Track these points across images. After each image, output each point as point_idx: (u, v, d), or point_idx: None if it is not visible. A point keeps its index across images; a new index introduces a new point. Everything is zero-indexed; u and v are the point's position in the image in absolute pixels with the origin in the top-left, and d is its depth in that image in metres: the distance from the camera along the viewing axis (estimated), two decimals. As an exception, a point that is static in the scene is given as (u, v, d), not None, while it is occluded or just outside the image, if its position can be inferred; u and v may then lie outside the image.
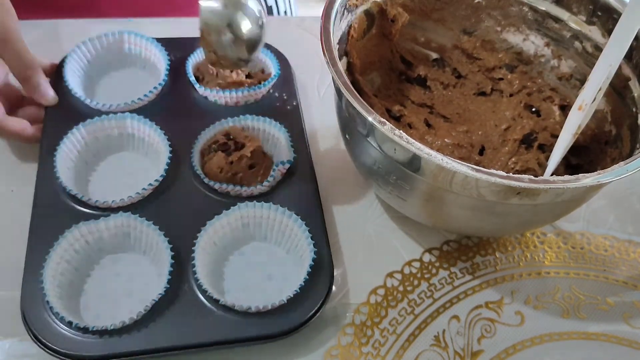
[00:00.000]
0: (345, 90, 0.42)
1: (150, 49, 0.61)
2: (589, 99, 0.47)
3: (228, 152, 0.53)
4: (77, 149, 0.53)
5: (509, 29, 0.58)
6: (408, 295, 0.50)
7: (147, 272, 0.48)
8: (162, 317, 0.45)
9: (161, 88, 0.58)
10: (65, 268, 0.46)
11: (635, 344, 0.49)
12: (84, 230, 0.47)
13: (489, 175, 0.38)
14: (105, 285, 0.47)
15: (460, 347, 0.48)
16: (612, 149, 0.50)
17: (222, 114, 0.56)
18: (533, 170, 0.51)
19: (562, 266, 0.53)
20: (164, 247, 0.47)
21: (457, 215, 0.45)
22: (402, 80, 0.59)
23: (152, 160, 0.55)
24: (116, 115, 0.54)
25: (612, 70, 0.47)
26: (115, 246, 0.49)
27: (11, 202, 0.52)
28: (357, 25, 0.52)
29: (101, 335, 0.43)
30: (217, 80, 0.59)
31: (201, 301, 0.46)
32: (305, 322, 0.45)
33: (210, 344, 0.44)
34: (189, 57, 0.60)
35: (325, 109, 0.62)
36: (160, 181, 0.51)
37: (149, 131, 0.54)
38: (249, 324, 0.45)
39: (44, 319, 0.43)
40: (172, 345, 0.43)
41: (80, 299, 0.46)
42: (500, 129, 0.55)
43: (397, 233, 0.54)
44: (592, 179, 0.39)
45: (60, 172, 0.50)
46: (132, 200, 0.50)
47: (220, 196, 0.52)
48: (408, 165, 0.42)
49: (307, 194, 0.53)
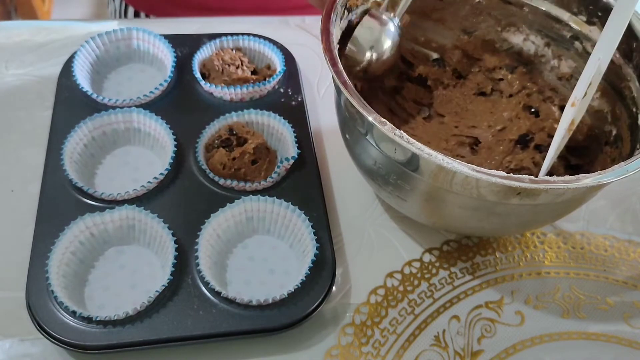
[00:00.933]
0: (345, 89, 0.42)
1: (158, 45, 0.61)
2: (580, 94, 0.47)
3: (230, 148, 0.53)
4: (84, 142, 0.54)
5: (509, 28, 0.58)
6: (408, 295, 0.50)
7: (150, 264, 0.49)
8: (165, 308, 0.45)
9: (167, 84, 0.58)
10: (70, 259, 0.47)
11: (635, 344, 0.49)
12: (89, 222, 0.48)
13: (490, 176, 0.38)
14: (110, 276, 0.48)
15: (460, 347, 0.48)
16: (612, 149, 0.50)
17: (227, 109, 0.57)
18: (528, 169, 0.52)
19: (562, 266, 0.53)
20: (168, 240, 0.47)
21: (458, 215, 0.45)
22: (403, 80, 0.59)
23: (158, 154, 0.56)
24: (123, 110, 0.55)
25: (601, 64, 0.47)
26: (119, 238, 0.49)
27: (11, 202, 0.52)
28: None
29: (105, 325, 0.44)
30: (222, 77, 0.59)
31: (204, 293, 0.46)
32: (306, 316, 0.46)
33: (212, 335, 0.45)
34: (195, 53, 0.60)
35: (325, 109, 0.62)
36: (165, 175, 0.52)
37: (154, 125, 0.55)
38: (250, 317, 0.45)
39: (48, 309, 0.44)
40: (174, 337, 0.44)
41: (84, 290, 0.47)
42: (495, 129, 0.55)
43: (397, 233, 0.54)
44: (592, 179, 0.39)
45: (67, 165, 0.51)
46: (137, 194, 0.51)
47: (224, 190, 0.52)
48: (408, 165, 0.42)
49: (310, 189, 0.53)
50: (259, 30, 0.53)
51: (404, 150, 0.40)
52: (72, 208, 0.49)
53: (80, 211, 0.48)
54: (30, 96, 0.60)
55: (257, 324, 0.45)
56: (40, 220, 0.49)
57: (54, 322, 0.43)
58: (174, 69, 0.59)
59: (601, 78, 0.48)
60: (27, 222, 0.50)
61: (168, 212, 0.50)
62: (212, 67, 0.60)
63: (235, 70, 0.60)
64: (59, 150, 0.52)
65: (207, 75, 0.61)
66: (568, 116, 0.48)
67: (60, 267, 0.46)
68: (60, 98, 0.57)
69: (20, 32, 0.66)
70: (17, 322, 0.45)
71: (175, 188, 0.52)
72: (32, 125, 0.58)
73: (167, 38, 0.61)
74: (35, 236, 0.48)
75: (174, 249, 0.47)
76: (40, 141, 0.55)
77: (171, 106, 0.58)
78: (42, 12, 1.64)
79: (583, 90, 0.47)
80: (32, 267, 0.46)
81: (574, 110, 0.48)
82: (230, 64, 0.60)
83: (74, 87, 0.57)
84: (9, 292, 0.46)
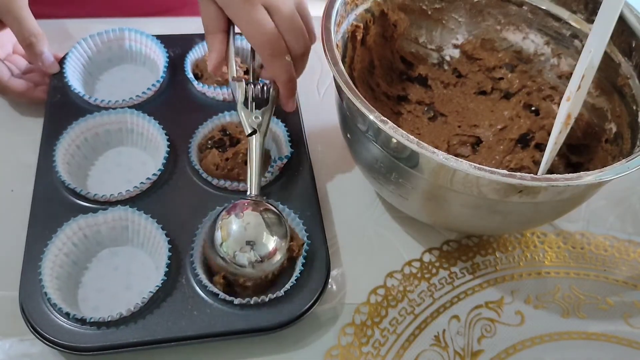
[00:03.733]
0: (346, 89, 0.42)
1: (150, 46, 0.61)
2: (574, 88, 0.47)
3: (223, 149, 0.53)
4: (77, 143, 0.53)
5: (508, 27, 0.58)
6: (408, 295, 0.50)
7: (145, 265, 0.48)
8: (159, 309, 0.45)
9: (160, 85, 0.58)
10: (64, 261, 0.46)
11: (635, 344, 0.49)
12: (82, 223, 0.47)
13: (490, 174, 0.38)
14: (104, 278, 0.47)
15: (460, 347, 0.48)
16: (612, 147, 0.50)
17: (220, 109, 0.57)
18: (528, 168, 0.52)
19: (562, 266, 0.53)
20: (162, 240, 0.47)
21: (459, 213, 0.45)
22: (403, 80, 0.59)
23: (151, 154, 0.55)
24: (115, 110, 0.55)
25: (593, 57, 0.47)
26: (113, 239, 0.49)
27: (11, 202, 0.52)
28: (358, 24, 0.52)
29: (99, 326, 0.43)
30: (215, 77, 0.59)
31: (198, 293, 0.46)
32: (301, 315, 0.46)
33: (206, 335, 0.44)
34: (188, 53, 0.60)
35: (325, 109, 0.62)
36: (158, 175, 0.52)
37: (147, 126, 0.55)
38: (244, 317, 0.45)
39: (42, 311, 0.43)
40: (169, 337, 0.44)
41: (78, 291, 0.47)
42: (496, 128, 0.55)
43: (397, 233, 0.54)
44: (593, 177, 0.39)
45: (60, 167, 0.50)
46: (130, 194, 0.51)
47: (218, 191, 0.52)
48: (409, 163, 0.42)
49: (304, 188, 0.53)
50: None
51: (405, 148, 0.40)
52: (65, 209, 0.49)
53: (74, 212, 0.48)
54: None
55: (252, 323, 0.45)
56: (33, 222, 0.48)
57: (47, 324, 0.43)
58: (166, 70, 0.59)
59: (595, 71, 0.48)
60: (26, 222, 0.49)
61: (161, 213, 0.49)
62: (204, 67, 0.60)
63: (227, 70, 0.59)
64: (51, 152, 0.51)
65: (199, 75, 0.60)
66: (564, 110, 0.48)
67: (53, 268, 0.45)
68: (53, 100, 0.57)
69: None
70: (17, 322, 0.44)
71: (168, 188, 0.52)
72: (25, 126, 0.57)
73: (160, 38, 0.61)
74: (28, 238, 0.47)
75: (168, 250, 0.46)
76: (34, 142, 0.55)
77: (164, 107, 0.57)
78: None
79: (577, 84, 0.47)
80: (25, 269, 0.46)
81: (569, 105, 0.48)
82: None
83: (66, 89, 0.57)
84: (9, 292, 0.46)
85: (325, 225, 0.51)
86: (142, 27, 0.62)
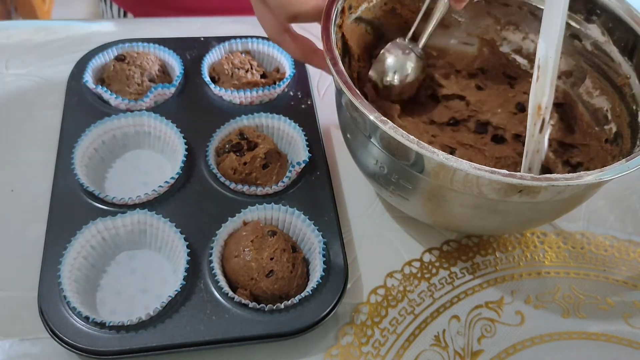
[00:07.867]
0: (346, 89, 0.42)
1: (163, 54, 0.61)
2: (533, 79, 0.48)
3: (241, 153, 0.53)
4: (94, 146, 0.53)
5: (508, 27, 0.58)
6: (408, 295, 0.50)
7: (162, 268, 0.48)
8: (178, 313, 0.45)
9: (175, 88, 0.59)
10: (82, 264, 0.46)
11: (635, 344, 0.49)
12: (100, 226, 0.47)
13: (490, 173, 0.38)
14: (121, 281, 0.47)
15: (460, 347, 0.48)
16: (612, 147, 0.50)
17: (237, 112, 0.57)
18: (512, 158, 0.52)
19: (562, 266, 0.53)
20: (180, 244, 0.47)
21: (459, 213, 0.45)
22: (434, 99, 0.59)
23: (168, 158, 0.55)
24: (133, 113, 0.55)
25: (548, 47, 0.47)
26: (131, 243, 0.49)
27: (11, 202, 0.52)
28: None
29: (118, 330, 0.43)
30: (232, 80, 0.59)
31: (217, 298, 0.46)
32: (318, 321, 0.45)
33: (225, 340, 0.44)
34: (205, 57, 0.60)
35: (325, 109, 0.62)
36: (176, 179, 0.52)
37: (165, 129, 0.55)
38: (262, 322, 0.45)
39: (61, 314, 0.43)
40: (187, 342, 0.44)
41: (96, 295, 0.47)
42: None
43: (397, 233, 0.54)
44: (593, 177, 0.39)
45: (78, 169, 0.50)
46: (148, 198, 0.51)
47: (235, 195, 0.52)
48: (410, 163, 0.42)
49: (321, 193, 0.53)
50: (259, 30, 0.53)
51: (406, 148, 0.40)
52: (83, 212, 0.49)
53: (92, 215, 0.48)
54: (30, 96, 0.60)
55: (270, 329, 0.45)
56: (51, 224, 0.48)
57: (66, 327, 0.43)
58: (182, 72, 0.59)
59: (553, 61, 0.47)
60: (26, 221, 0.50)
61: (179, 217, 0.49)
62: (221, 70, 0.60)
63: (244, 74, 0.60)
64: (69, 154, 0.51)
65: (216, 78, 0.60)
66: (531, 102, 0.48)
67: (72, 271, 0.45)
68: (70, 102, 0.57)
69: (20, 32, 0.66)
70: (16, 321, 0.44)
71: (186, 192, 0.52)
72: (32, 125, 0.57)
73: (175, 41, 0.61)
74: (47, 241, 0.47)
75: (186, 254, 0.46)
76: (41, 141, 0.55)
77: (181, 110, 0.58)
78: (42, 12, 1.63)
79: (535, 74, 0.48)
80: (44, 271, 0.45)
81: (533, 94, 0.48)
82: (239, 67, 0.60)
83: (84, 91, 0.57)
84: (9, 291, 0.46)
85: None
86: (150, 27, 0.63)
